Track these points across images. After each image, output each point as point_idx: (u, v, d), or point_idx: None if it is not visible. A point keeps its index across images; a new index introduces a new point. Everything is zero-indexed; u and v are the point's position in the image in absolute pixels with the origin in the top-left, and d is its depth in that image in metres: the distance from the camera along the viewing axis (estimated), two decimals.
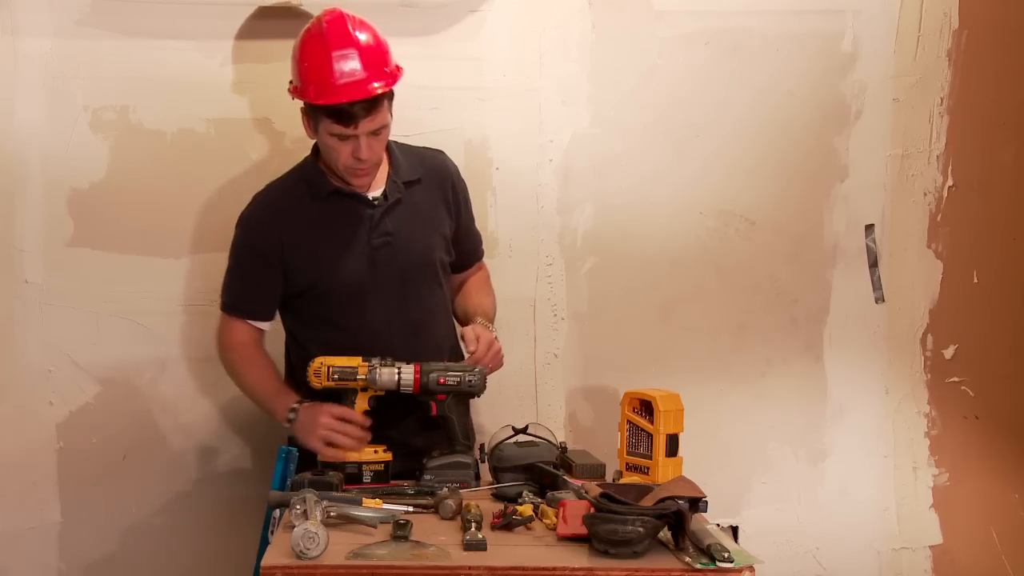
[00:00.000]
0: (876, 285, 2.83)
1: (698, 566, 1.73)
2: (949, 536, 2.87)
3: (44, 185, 2.66)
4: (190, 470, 2.73)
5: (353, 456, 2.21)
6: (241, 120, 2.69)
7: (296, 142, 2.69)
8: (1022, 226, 2.85)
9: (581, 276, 2.77)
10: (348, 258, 2.31)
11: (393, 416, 2.30)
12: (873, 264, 2.83)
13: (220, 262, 2.68)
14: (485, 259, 2.60)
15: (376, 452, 2.23)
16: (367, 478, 2.21)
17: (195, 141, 2.69)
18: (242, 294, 2.38)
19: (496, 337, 2.33)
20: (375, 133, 2.21)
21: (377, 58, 2.21)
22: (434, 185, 2.40)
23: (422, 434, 2.32)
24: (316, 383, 2.21)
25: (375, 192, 2.33)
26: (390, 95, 2.24)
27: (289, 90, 2.26)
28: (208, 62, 2.67)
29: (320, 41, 2.19)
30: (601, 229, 2.78)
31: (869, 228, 2.82)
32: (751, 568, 1.73)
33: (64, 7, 2.63)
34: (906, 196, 2.83)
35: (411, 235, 2.35)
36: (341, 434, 2.20)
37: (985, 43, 2.80)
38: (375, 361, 2.20)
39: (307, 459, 2.26)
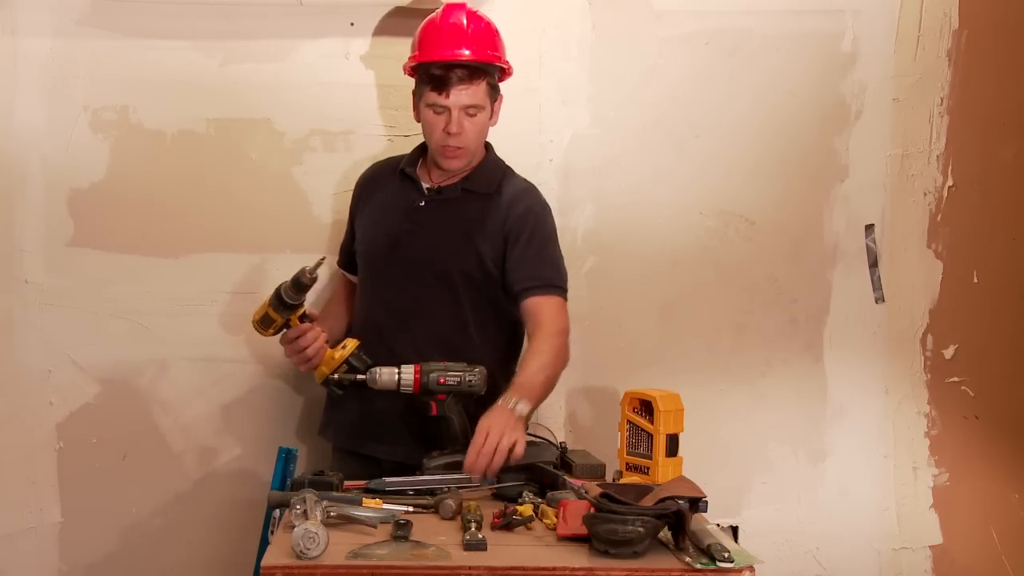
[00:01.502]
0: (876, 285, 2.83)
1: (698, 566, 1.73)
2: (949, 536, 2.87)
3: (44, 185, 2.66)
4: (190, 470, 2.73)
5: (323, 370, 2.31)
6: (241, 120, 2.69)
7: (296, 142, 2.71)
8: (1022, 226, 2.85)
9: (581, 276, 2.77)
10: (380, 231, 2.43)
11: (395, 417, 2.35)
12: (873, 264, 2.83)
13: (220, 262, 2.70)
14: None
15: (334, 358, 2.31)
16: (346, 382, 2.30)
17: (195, 141, 2.69)
18: (342, 243, 2.60)
19: (513, 425, 2.12)
20: (469, 114, 2.33)
21: (483, 40, 2.38)
22: (500, 206, 2.42)
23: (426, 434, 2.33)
24: (263, 334, 2.34)
25: (433, 186, 2.43)
26: (494, 88, 2.39)
27: (404, 69, 2.44)
28: (208, 62, 2.67)
29: (435, 18, 2.40)
30: (601, 229, 2.78)
31: (869, 228, 2.83)
32: (751, 568, 1.73)
33: (64, 7, 2.63)
34: (906, 196, 2.83)
35: (440, 235, 2.40)
36: (301, 351, 2.30)
37: (985, 43, 2.80)
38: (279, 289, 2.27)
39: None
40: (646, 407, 2.22)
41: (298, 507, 1.84)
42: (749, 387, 2.82)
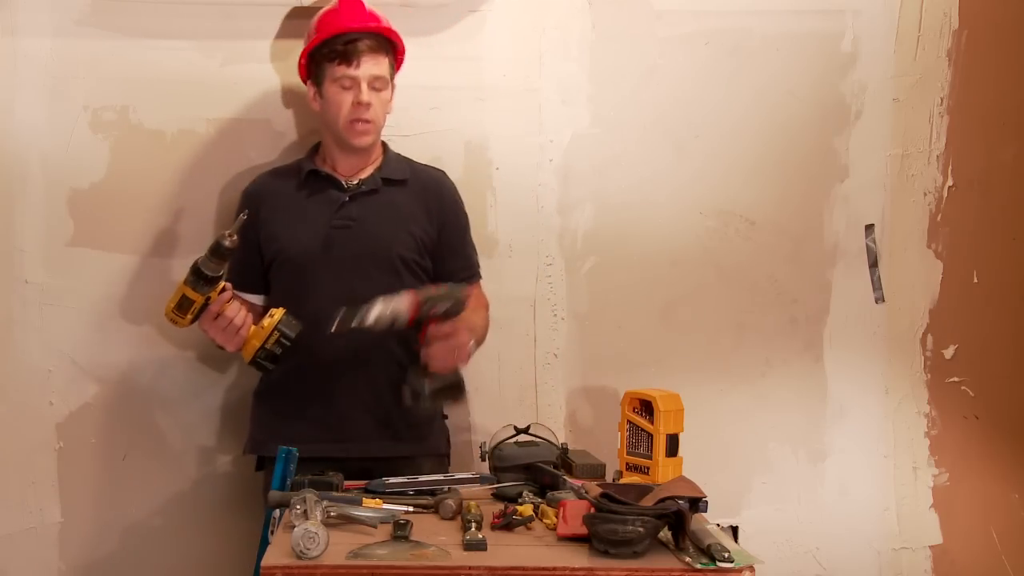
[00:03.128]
0: (876, 285, 2.83)
1: (698, 566, 1.73)
2: (949, 536, 2.87)
3: (44, 185, 2.66)
4: (190, 470, 2.73)
5: (253, 343, 2.28)
6: (241, 120, 2.69)
7: (296, 142, 2.70)
8: (1022, 226, 2.85)
9: (581, 276, 2.77)
10: (307, 234, 2.41)
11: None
12: (873, 264, 2.83)
13: None
14: (487, 262, 2.62)
15: (263, 326, 2.28)
16: (278, 351, 2.28)
17: (195, 141, 2.68)
18: (232, 265, 2.38)
19: (464, 338, 2.26)
20: (375, 87, 2.37)
21: (381, 19, 2.42)
22: (421, 192, 2.48)
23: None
24: (180, 322, 2.29)
25: (352, 180, 2.45)
26: (391, 64, 2.43)
27: (298, 67, 2.47)
28: (208, 62, 2.67)
29: (331, 6, 2.44)
30: (601, 229, 2.78)
31: (869, 228, 2.83)
32: (751, 568, 1.73)
33: (64, 7, 2.63)
34: (906, 196, 2.83)
35: (375, 225, 2.42)
36: (229, 324, 2.27)
37: (985, 43, 2.80)
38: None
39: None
40: (646, 407, 2.22)
41: (298, 507, 1.84)
42: (749, 387, 2.82)
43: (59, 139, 2.65)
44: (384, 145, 2.54)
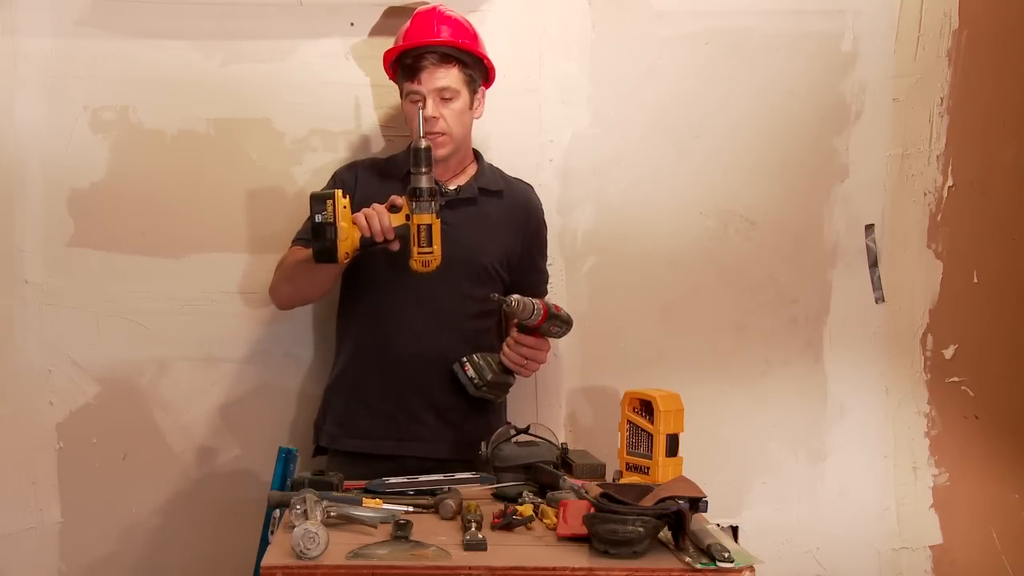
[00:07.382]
0: (876, 285, 2.83)
1: (698, 566, 1.73)
2: (949, 536, 2.87)
3: (44, 185, 2.66)
4: (190, 470, 2.73)
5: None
6: (241, 120, 2.69)
7: (296, 142, 2.71)
8: (1022, 226, 2.85)
9: (581, 276, 2.77)
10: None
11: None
12: (873, 264, 2.83)
13: (220, 262, 2.70)
14: None
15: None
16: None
17: (195, 141, 2.69)
18: (308, 227, 2.41)
19: (543, 360, 2.40)
20: (444, 98, 2.36)
21: (454, 29, 2.41)
22: (513, 207, 2.51)
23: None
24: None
25: (449, 186, 2.45)
26: (472, 78, 2.40)
27: (386, 73, 2.51)
28: (208, 62, 2.67)
29: (408, 24, 2.44)
30: (601, 229, 2.78)
31: (869, 228, 2.83)
32: (751, 568, 1.73)
33: (64, 7, 2.63)
34: (906, 196, 2.83)
35: (466, 233, 2.41)
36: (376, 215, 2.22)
37: (985, 43, 2.80)
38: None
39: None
40: (646, 407, 2.22)
41: (298, 507, 1.84)
42: (749, 387, 2.82)
43: (59, 139, 2.65)
44: (477, 155, 2.54)
